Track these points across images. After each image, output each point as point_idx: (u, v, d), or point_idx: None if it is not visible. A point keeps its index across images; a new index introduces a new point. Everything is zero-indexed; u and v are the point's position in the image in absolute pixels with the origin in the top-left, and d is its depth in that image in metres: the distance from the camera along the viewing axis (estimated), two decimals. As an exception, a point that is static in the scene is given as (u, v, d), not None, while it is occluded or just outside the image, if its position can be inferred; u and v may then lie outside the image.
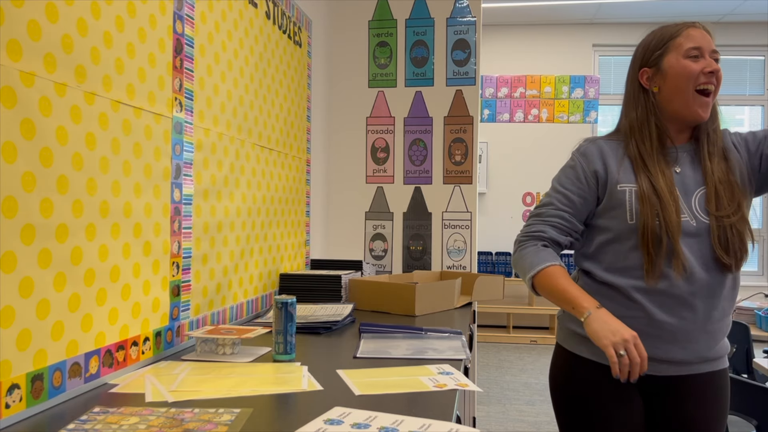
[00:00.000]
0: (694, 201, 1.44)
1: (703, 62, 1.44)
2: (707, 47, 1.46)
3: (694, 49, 1.45)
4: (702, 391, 1.46)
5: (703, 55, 1.45)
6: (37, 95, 1.13)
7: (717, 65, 1.45)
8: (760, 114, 6.54)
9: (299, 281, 2.36)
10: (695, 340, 1.41)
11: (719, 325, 1.44)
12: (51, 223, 1.16)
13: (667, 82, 1.47)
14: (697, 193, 1.44)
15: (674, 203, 1.40)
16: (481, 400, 4.24)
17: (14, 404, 1.08)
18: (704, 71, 1.44)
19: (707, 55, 1.45)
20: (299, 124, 2.67)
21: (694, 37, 1.46)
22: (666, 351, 1.42)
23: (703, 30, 1.48)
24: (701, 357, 1.43)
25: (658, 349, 1.41)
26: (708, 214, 1.42)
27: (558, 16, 6.38)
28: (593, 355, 1.47)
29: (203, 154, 1.80)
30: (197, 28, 1.75)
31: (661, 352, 1.42)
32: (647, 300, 1.41)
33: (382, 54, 3.18)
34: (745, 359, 3.37)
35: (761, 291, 4.99)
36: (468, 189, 3.11)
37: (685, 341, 1.41)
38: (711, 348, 1.44)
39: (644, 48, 1.53)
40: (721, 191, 1.42)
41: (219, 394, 1.24)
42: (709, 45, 1.46)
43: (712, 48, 1.47)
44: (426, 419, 1.08)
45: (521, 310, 6.28)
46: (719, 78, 1.45)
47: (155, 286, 1.54)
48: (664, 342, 1.41)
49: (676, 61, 1.46)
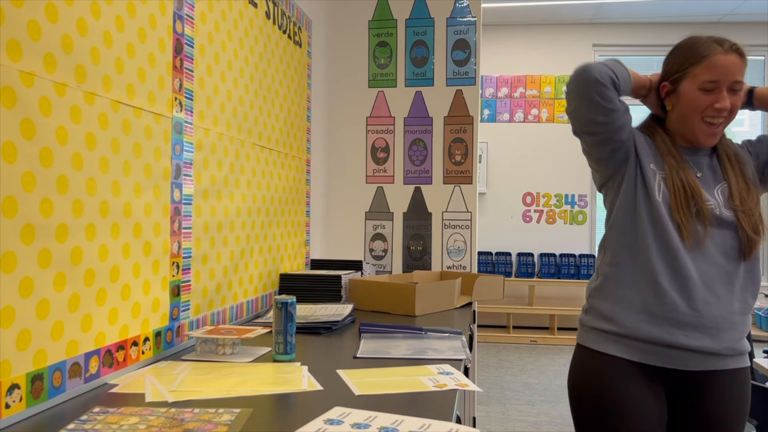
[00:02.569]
0: (717, 193, 1.49)
1: (715, 96, 1.45)
2: (727, 79, 1.45)
3: (711, 83, 1.45)
4: (725, 389, 1.46)
5: (719, 87, 1.45)
6: (37, 95, 1.13)
7: (727, 103, 1.45)
8: (760, 114, 6.54)
9: (299, 281, 2.36)
10: (723, 329, 1.42)
11: (742, 318, 1.45)
12: (51, 223, 1.16)
13: (679, 106, 1.51)
14: (718, 188, 1.49)
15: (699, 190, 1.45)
16: (481, 400, 4.24)
17: (14, 404, 1.08)
18: (713, 106, 1.45)
19: (724, 89, 1.45)
20: (299, 124, 2.67)
21: (716, 68, 1.45)
22: (697, 339, 1.41)
23: (733, 54, 1.46)
24: (731, 348, 1.44)
25: (689, 337, 1.41)
26: (731, 208, 1.46)
27: (558, 16, 6.38)
28: (620, 351, 1.47)
29: (203, 154, 1.80)
30: (197, 28, 1.75)
31: (692, 341, 1.41)
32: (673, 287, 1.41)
33: (382, 54, 3.18)
34: (745, 359, 3.37)
35: (761, 291, 5.00)
36: (468, 189, 3.11)
37: (714, 329, 1.42)
38: (737, 340, 1.45)
39: (671, 61, 1.55)
40: (741, 187, 1.47)
41: (219, 394, 1.24)
42: (730, 76, 1.45)
43: (734, 79, 1.45)
44: (426, 419, 1.08)
45: (521, 310, 6.28)
46: (733, 111, 1.47)
47: (155, 286, 1.54)
48: (695, 330, 1.41)
49: (690, 90, 1.48)
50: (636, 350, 1.45)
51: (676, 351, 1.42)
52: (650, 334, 1.43)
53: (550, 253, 6.44)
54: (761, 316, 3.77)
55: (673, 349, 1.42)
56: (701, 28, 6.74)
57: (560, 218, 6.57)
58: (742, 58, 1.46)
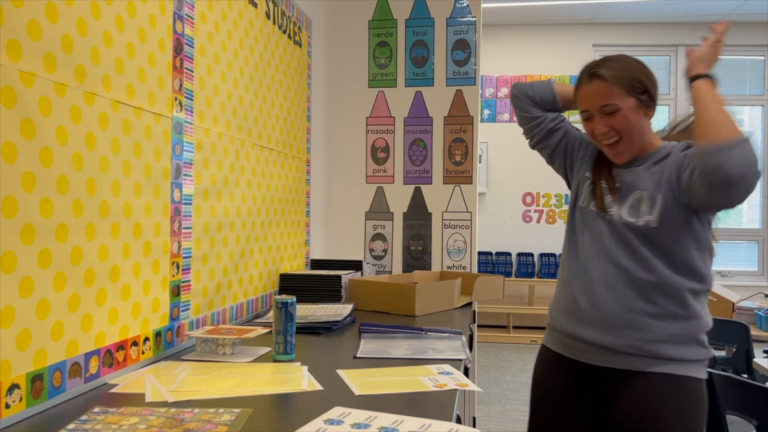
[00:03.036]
0: (627, 203, 1.48)
1: (592, 124, 1.49)
2: (595, 105, 1.47)
3: (584, 112, 1.51)
4: (639, 390, 1.44)
5: (592, 115, 1.49)
6: (37, 95, 1.13)
7: (600, 128, 1.47)
8: (760, 114, 6.54)
9: (299, 281, 2.36)
10: (622, 326, 1.44)
11: (656, 322, 1.43)
12: (51, 223, 1.16)
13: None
14: (633, 196, 1.48)
15: (605, 200, 1.52)
16: (481, 400, 4.24)
17: (14, 404, 1.08)
18: (594, 134, 1.50)
19: (596, 114, 1.47)
20: (299, 124, 2.67)
21: (582, 100, 1.51)
22: (594, 333, 1.48)
23: (594, 81, 1.46)
24: (635, 347, 1.43)
25: (587, 331, 1.49)
26: (636, 216, 1.45)
27: (558, 16, 6.38)
28: (549, 342, 1.63)
29: (203, 154, 1.80)
30: (197, 28, 1.75)
31: (589, 334, 1.49)
32: (578, 285, 1.52)
33: (382, 54, 3.18)
34: (745, 359, 3.37)
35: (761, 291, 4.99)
36: (468, 189, 3.11)
37: (611, 325, 1.45)
38: (648, 341, 1.43)
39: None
40: (646, 198, 1.45)
41: (219, 394, 1.24)
42: (595, 102, 1.47)
43: (599, 104, 1.46)
44: (426, 419, 1.08)
45: (521, 310, 6.28)
46: (617, 129, 1.46)
47: (155, 286, 1.53)
48: (592, 325, 1.48)
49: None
50: (558, 342, 1.60)
51: (579, 343, 1.52)
52: (562, 326, 1.56)
53: (550, 253, 6.44)
54: (761, 316, 3.78)
55: (577, 341, 1.52)
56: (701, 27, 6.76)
57: (560, 218, 6.56)
58: (605, 81, 1.45)
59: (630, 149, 1.49)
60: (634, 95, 1.45)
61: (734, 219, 6.49)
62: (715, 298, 4.06)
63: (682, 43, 6.48)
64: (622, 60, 1.49)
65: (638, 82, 1.45)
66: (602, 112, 1.46)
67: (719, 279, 6.15)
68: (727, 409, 1.94)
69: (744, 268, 6.49)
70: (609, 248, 1.48)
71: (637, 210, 1.46)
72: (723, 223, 1.52)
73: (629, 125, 1.46)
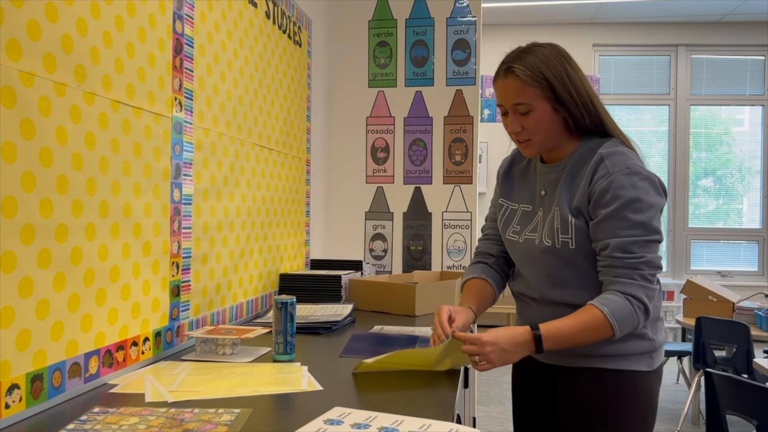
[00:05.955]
0: (547, 222, 1.47)
1: (507, 120, 1.46)
2: (508, 102, 1.42)
3: (500, 106, 1.48)
4: (571, 385, 1.47)
5: (506, 111, 1.46)
6: (37, 95, 1.13)
7: (513, 127, 1.43)
8: (760, 114, 6.54)
9: (299, 281, 2.36)
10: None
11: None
12: (51, 223, 1.16)
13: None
14: (551, 214, 1.46)
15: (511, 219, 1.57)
16: (481, 400, 4.23)
17: (14, 404, 1.08)
18: (507, 130, 1.48)
19: (510, 112, 1.44)
20: (299, 124, 2.67)
21: (497, 92, 1.46)
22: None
23: (509, 76, 1.41)
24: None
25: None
26: (553, 237, 1.45)
27: (558, 16, 6.38)
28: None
29: (203, 154, 1.79)
30: (197, 28, 1.75)
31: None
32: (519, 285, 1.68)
33: (382, 54, 3.18)
34: (746, 359, 3.37)
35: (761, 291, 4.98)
36: (468, 189, 3.11)
37: (531, 324, 1.41)
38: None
39: None
40: (564, 222, 1.43)
41: (219, 394, 1.23)
42: (509, 99, 1.42)
43: (513, 102, 1.41)
44: (426, 419, 1.08)
45: (521, 310, 6.27)
46: (528, 130, 1.42)
47: (155, 286, 1.53)
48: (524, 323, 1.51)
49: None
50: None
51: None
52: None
53: (550, 253, 6.43)
54: (761, 316, 3.77)
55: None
56: (701, 27, 6.76)
57: (560, 218, 6.56)
58: (518, 79, 1.38)
59: (540, 147, 1.47)
60: (550, 95, 1.38)
61: (734, 219, 6.49)
62: (715, 298, 4.06)
63: (682, 43, 6.48)
64: (541, 54, 1.39)
65: (557, 81, 1.37)
66: (515, 111, 1.42)
67: (719, 279, 6.14)
68: (727, 409, 1.94)
69: (744, 268, 6.48)
70: (533, 254, 1.53)
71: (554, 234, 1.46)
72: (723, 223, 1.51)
73: (541, 126, 1.41)
